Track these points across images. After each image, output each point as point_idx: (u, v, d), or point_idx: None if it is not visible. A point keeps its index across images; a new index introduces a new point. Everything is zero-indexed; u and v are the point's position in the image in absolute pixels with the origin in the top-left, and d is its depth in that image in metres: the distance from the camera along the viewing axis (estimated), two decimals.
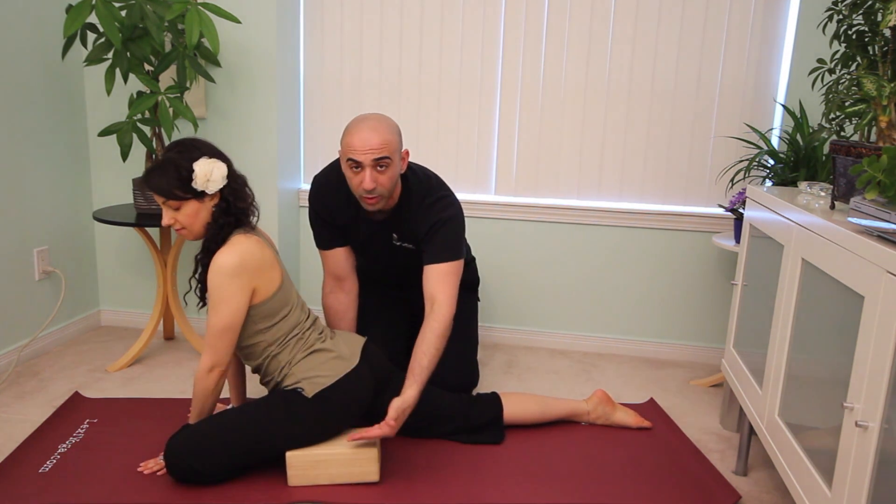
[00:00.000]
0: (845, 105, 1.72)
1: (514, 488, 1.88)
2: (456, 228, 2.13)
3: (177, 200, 1.80)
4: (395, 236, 2.19)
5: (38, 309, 2.73)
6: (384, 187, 1.99)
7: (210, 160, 1.80)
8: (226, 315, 1.78)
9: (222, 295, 1.77)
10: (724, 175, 2.76)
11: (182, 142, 1.84)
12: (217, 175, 1.80)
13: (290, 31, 2.87)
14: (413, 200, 2.13)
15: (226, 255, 1.78)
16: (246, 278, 1.79)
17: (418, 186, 2.14)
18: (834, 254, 1.37)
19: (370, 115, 2.02)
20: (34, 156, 2.66)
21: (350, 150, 1.96)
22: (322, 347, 1.91)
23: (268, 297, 1.84)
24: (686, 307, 2.88)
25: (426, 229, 2.11)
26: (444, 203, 2.14)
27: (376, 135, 1.94)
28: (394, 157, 1.98)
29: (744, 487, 1.95)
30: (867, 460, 1.18)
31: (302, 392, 1.84)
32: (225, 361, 1.82)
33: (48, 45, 2.67)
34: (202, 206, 1.82)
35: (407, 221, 2.16)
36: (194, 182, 1.78)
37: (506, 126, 2.89)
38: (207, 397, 1.85)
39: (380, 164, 1.95)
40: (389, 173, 1.98)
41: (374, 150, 1.93)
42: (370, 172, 1.95)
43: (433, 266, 2.07)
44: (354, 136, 1.95)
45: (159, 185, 1.79)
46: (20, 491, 1.80)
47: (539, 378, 2.66)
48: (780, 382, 1.64)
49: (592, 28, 2.76)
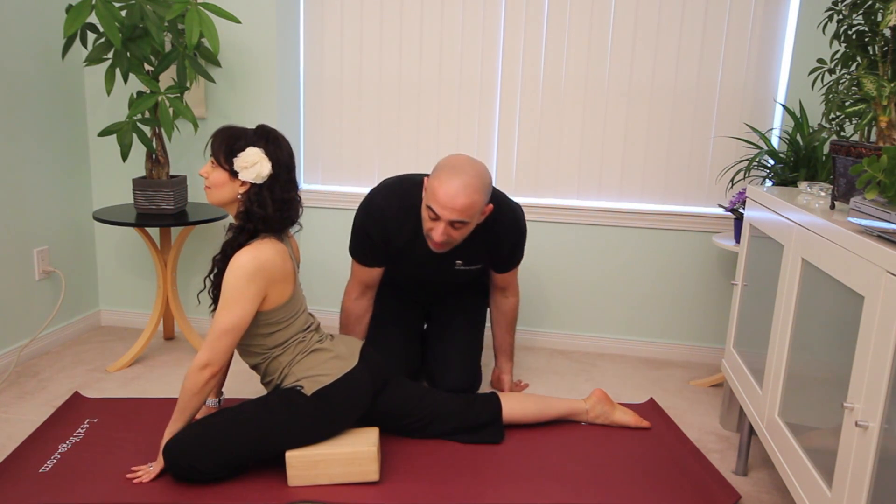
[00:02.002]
0: (845, 105, 1.72)
1: (514, 488, 1.88)
2: (525, 235, 2.26)
3: (215, 160, 1.84)
4: (460, 262, 2.18)
5: (38, 309, 2.73)
6: (454, 240, 1.99)
7: (261, 154, 1.81)
8: (233, 316, 1.78)
9: (235, 295, 1.77)
10: (724, 175, 2.76)
11: (268, 130, 1.86)
12: (254, 170, 1.81)
13: (290, 31, 2.87)
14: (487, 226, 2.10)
15: (247, 256, 1.78)
16: (261, 284, 1.79)
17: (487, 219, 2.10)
18: (834, 254, 1.37)
19: (466, 168, 1.93)
20: (34, 156, 2.66)
21: (433, 198, 1.92)
22: (321, 347, 1.92)
23: (276, 307, 1.85)
24: (686, 307, 2.88)
25: (510, 246, 2.20)
26: (518, 216, 2.20)
27: (464, 196, 1.89)
28: (473, 220, 1.96)
29: (744, 487, 1.95)
30: (867, 460, 1.18)
31: (301, 390, 1.84)
32: (219, 362, 1.81)
33: (48, 45, 2.67)
34: (231, 184, 1.84)
35: (479, 245, 2.14)
36: (235, 158, 1.81)
37: (506, 126, 2.89)
38: (194, 396, 1.82)
39: (455, 224, 1.94)
40: (464, 231, 1.97)
41: (456, 211, 1.90)
42: (444, 228, 1.93)
43: (510, 273, 2.29)
44: (441, 188, 1.90)
45: (214, 140, 1.85)
46: (20, 491, 1.80)
47: (539, 378, 2.66)
48: (780, 382, 1.64)
49: (592, 28, 2.76)
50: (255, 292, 1.78)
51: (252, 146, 1.81)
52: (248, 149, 1.80)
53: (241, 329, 1.80)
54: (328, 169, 3.05)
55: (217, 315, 1.80)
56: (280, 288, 1.84)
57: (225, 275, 1.79)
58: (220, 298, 1.81)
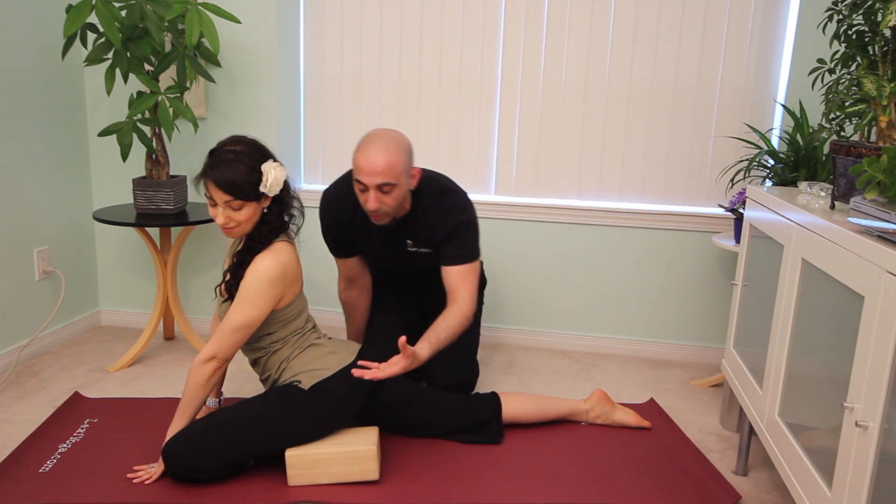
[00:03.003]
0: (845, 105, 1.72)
1: (514, 488, 1.88)
2: (473, 230, 2.17)
3: (241, 200, 1.78)
4: (410, 242, 2.22)
5: (38, 309, 2.73)
6: (388, 206, 2.01)
7: (275, 164, 1.83)
8: (249, 315, 1.81)
9: (254, 297, 1.80)
10: (724, 175, 2.76)
11: (245, 140, 1.84)
12: (280, 179, 1.82)
13: (290, 31, 2.87)
14: (426, 207, 2.15)
15: (270, 261, 1.80)
16: (280, 287, 1.83)
17: (430, 194, 2.15)
18: (834, 254, 1.37)
19: (381, 134, 2.00)
20: (34, 156, 2.66)
21: (357, 170, 1.98)
22: (318, 343, 1.95)
23: (287, 304, 1.89)
24: (686, 307, 2.87)
25: (445, 233, 2.13)
26: (460, 206, 2.17)
27: (383, 157, 1.94)
28: (399, 181, 1.98)
29: (744, 487, 1.95)
30: (867, 460, 1.18)
31: (299, 385, 1.86)
32: (225, 356, 1.83)
33: (48, 45, 2.68)
34: (258, 208, 1.84)
35: (422, 227, 2.17)
36: (263, 184, 1.79)
37: (506, 126, 2.89)
38: (199, 389, 1.83)
39: (383, 188, 1.96)
40: (394, 194, 1.99)
41: (379, 174, 1.94)
42: (374, 194, 1.97)
43: (453, 268, 2.11)
44: (361, 157, 1.96)
45: (232, 183, 1.76)
46: (20, 491, 1.80)
47: (539, 378, 2.66)
48: (780, 382, 1.64)
49: (592, 28, 2.76)
50: (274, 295, 1.83)
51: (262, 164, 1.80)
52: (262, 167, 1.80)
53: (252, 328, 1.83)
54: (328, 169, 3.05)
55: (232, 311, 1.82)
56: (294, 288, 1.89)
57: (247, 275, 1.81)
58: (237, 296, 1.83)
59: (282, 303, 1.87)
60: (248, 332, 1.83)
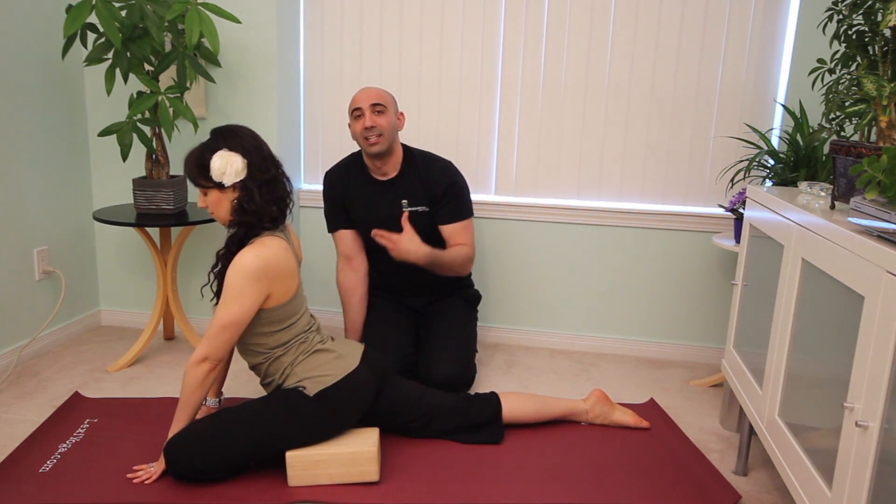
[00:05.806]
0: (845, 105, 1.72)
1: (514, 488, 1.88)
2: (466, 192, 2.50)
3: (201, 187, 1.87)
4: (406, 202, 2.42)
5: (38, 309, 2.73)
6: (382, 127, 2.33)
7: (227, 153, 1.82)
8: (234, 313, 1.78)
9: (236, 294, 1.78)
10: (724, 175, 2.76)
11: (220, 130, 1.89)
12: (231, 170, 1.82)
13: (290, 30, 2.87)
14: (418, 167, 2.45)
15: (251, 256, 1.78)
16: (265, 283, 1.80)
17: (421, 157, 2.48)
18: (834, 254, 1.37)
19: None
20: (34, 156, 2.66)
21: (353, 102, 2.37)
22: (323, 348, 1.92)
23: (280, 304, 1.85)
24: (686, 307, 2.87)
25: (444, 188, 2.43)
26: (452, 169, 2.50)
27: (374, 90, 2.39)
28: (389, 107, 2.37)
29: (744, 487, 1.95)
30: (867, 460, 1.18)
31: (304, 391, 1.84)
32: (218, 356, 1.82)
33: (48, 45, 2.67)
34: (224, 196, 1.86)
35: (416, 185, 2.43)
36: (211, 172, 1.82)
37: (506, 126, 2.89)
38: (195, 390, 1.83)
39: (377, 108, 2.34)
40: (386, 117, 2.35)
41: (372, 97, 2.35)
42: (369, 114, 2.32)
43: (452, 224, 2.44)
44: (357, 93, 2.40)
45: (187, 171, 1.89)
46: (20, 491, 1.80)
47: (539, 378, 2.66)
48: (780, 382, 1.64)
49: (592, 28, 2.76)
50: (258, 290, 1.79)
51: (214, 152, 1.82)
52: (213, 157, 1.81)
53: (240, 325, 1.81)
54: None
55: (217, 310, 1.80)
56: (284, 285, 1.85)
57: (228, 271, 1.80)
58: (221, 294, 1.82)
59: (272, 300, 1.83)
60: (237, 330, 1.81)
